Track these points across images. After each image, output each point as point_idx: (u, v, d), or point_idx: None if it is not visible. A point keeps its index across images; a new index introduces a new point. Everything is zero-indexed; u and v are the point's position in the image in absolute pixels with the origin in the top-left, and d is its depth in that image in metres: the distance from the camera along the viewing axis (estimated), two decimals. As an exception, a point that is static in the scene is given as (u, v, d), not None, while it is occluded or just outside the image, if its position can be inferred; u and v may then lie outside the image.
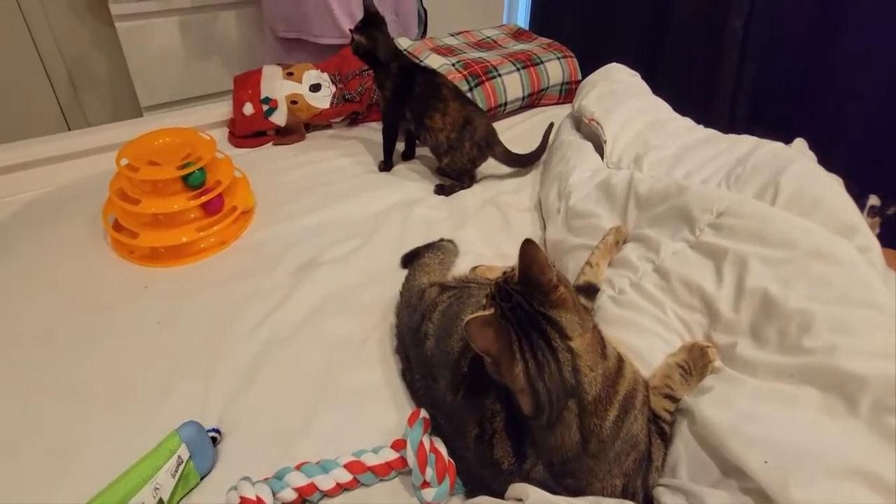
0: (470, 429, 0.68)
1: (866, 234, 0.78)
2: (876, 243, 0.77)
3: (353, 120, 1.66)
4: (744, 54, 1.90)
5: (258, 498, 0.67)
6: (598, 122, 1.24)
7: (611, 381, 0.60)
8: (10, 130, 1.57)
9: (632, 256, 0.87)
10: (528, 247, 0.59)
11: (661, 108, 1.30)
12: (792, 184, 0.83)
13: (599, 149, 1.22)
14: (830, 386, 0.59)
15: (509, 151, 1.36)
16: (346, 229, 1.20)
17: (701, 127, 1.20)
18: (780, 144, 0.96)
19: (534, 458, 0.63)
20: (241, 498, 0.67)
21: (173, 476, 0.69)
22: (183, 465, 0.70)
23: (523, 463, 0.63)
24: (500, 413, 0.65)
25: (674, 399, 0.69)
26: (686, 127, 1.20)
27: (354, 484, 0.72)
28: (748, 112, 1.95)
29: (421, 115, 1.32)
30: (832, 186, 0.84)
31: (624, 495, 0.63)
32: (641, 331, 0.77)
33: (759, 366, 0.66)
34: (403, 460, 0.72)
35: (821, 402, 0.59)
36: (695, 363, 0.71)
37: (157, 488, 0.67)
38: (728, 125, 1.91)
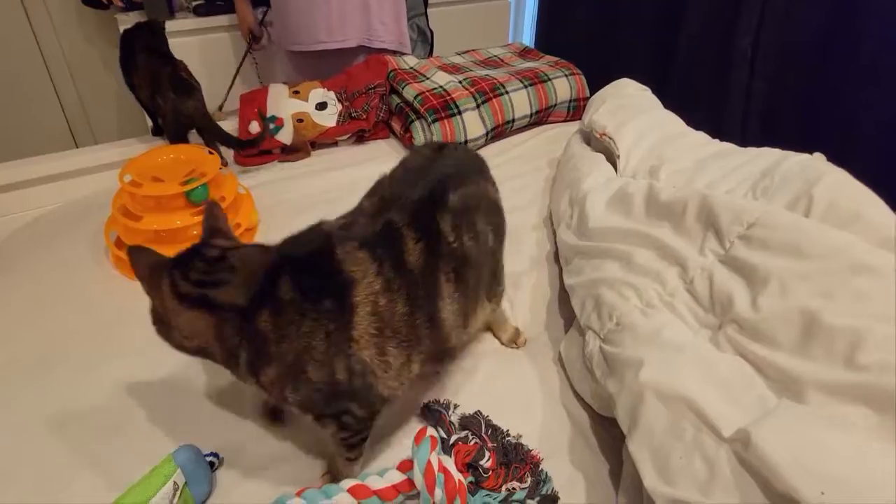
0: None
1: None
2: None
3: (360, 137, 1.64)
4: (753, 72, 1.89)
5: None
6: (610, 137, 1.21)
7: None
8: (21, 148, 1.57)
9: (659, 267, 0.83)
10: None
11: (675, 122, 1.27)
12: (826, 195, 0.78)
13: (611, 163, 1.19)
14: (885, 407, 0.55)
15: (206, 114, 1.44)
16: (351, 246, 1.17)
17: (717, 141, 1.16)
18: (806, 156, 0.92)
19: None
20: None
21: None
22: (179, 491, 0.66)
23: None
24: None
25: None
26: (701, 141, 1.17)
27: (359, 510, 0.67)
28: (759, 129, 1.93)
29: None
30: (870, 197, 0.79)
31: None
32: (674, 347, 0.72)
33: (808, 384, 0.61)
34: (411, 482, 0.68)
35: (877, 425, 0.55)
36: None
37: (151, 517, 0.63)
38: (740, 143, 1.89)
